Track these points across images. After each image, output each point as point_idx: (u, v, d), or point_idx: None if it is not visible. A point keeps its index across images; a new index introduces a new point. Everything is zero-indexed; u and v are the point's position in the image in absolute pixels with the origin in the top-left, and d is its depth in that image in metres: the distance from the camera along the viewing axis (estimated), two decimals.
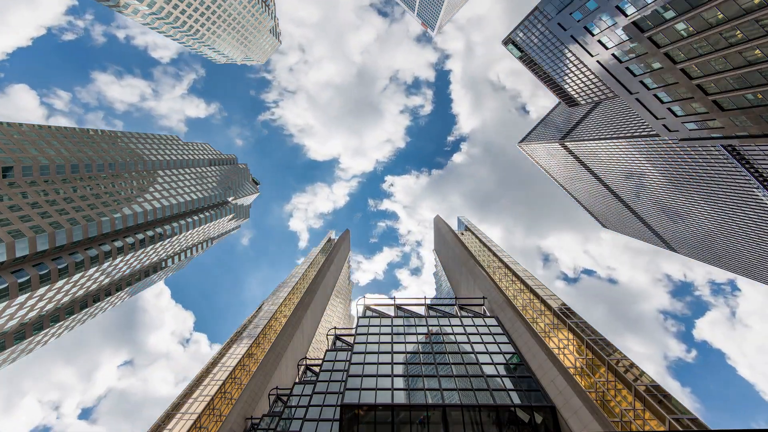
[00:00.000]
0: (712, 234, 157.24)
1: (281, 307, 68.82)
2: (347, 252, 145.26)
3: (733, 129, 50.55)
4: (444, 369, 43.74)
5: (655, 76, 53.36)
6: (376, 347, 49.83)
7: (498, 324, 54.66)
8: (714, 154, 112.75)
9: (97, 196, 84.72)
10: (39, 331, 76.28)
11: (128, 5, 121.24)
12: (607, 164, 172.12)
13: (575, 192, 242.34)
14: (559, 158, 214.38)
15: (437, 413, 36.93)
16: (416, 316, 63.03)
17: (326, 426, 40.07)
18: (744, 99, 45.48)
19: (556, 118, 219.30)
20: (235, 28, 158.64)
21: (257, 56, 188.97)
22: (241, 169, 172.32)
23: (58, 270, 70.23)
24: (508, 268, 62.50)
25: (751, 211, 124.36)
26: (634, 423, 28.63)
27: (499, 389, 39.37)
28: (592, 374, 35.13)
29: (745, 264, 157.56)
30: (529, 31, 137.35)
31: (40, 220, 68.01)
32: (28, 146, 78.04)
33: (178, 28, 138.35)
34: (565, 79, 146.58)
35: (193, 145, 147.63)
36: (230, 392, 46.82)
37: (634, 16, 48.08)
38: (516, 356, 45.81)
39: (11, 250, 61.20)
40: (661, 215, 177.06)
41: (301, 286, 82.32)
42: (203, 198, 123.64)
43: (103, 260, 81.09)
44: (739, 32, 39.85)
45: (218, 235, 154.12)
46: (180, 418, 41.14)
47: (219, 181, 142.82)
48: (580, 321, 41.70)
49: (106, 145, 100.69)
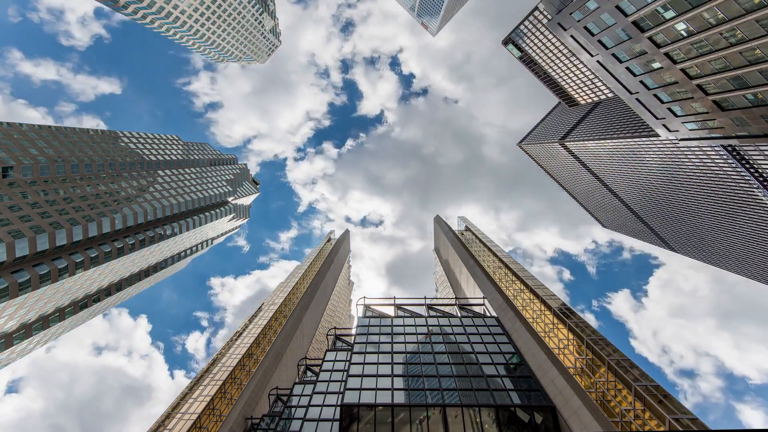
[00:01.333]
0: (712, 234, 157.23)
1: (281, 307, 68.82)
2: (347, 252, 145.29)
3: (733, 129, 50.56)
4: (444, 369, 43.74)
5: (655, 76, 53.37)
6: (376, 347, 49.84)
7: (498, 324, 54.67)
8: (714, 154, 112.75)
9: (97, 196, 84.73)
10: (39, 330, 76.30)
11: (128, 5, 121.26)
12: (607, 164, 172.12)
13: (575, 192, 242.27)
14: (559, 158, 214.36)
15: (437, 413, 36.94)
16: (416, 316, 63.02)
17: (326, 426, 40.07)
18: (744, 99, 45.48)
19: (556, 118, 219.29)
20: (234, 27, 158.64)
21: (257, 56, 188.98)
22: (240, 168, 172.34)
23: (58, 270, 70.23)
24: (508, 268, 62.52)
25: (751, 211, 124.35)
26: (634, 423, 28.63)
27: (499, 389, 39.37)
28: (592, 374, 35.14)
29: (745, 264, 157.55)
30: (529, 30, 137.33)
31: (40, 220, 68.01)
32: (28, 146, 78.05)
33: (178, 28, 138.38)
34: (565, 79, 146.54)
35: (192, 145, 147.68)
36: (230, 392, 46.83)
37: (634, 15, 48.09)
38: (516, 356, 45.81)
39: (11, 250, 61.20)
40: (661, 215, 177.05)
41: (301, 286, 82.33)
42: (203, 198, 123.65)
43: (103, 260, 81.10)
44: (739, 32, 39.86)
45: (218, 235, 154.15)
46: (180, 418, 41.14)
47: (218, 181, 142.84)
48: (580, 321, 41.71)
49: (106, 145, 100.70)
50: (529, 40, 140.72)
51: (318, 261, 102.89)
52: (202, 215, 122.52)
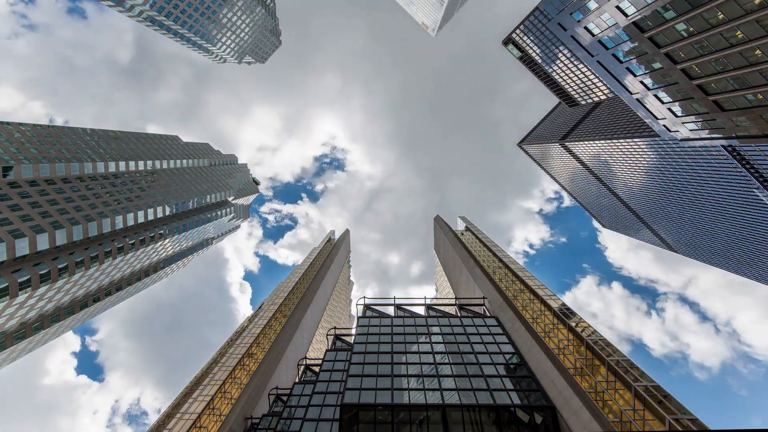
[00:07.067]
0: (712, 234, 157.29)
1: (281, 306, 68.84)
2: (347, 252, 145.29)
3: (733, 129, 50.57)
4: (444, 369, 43.73)
5: (655, 76, 53.37)
6: (376, 347, 49.82)
7: (498, 324, 54.67)
8: (714, 154, 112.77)
9: (97, 195, 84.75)
10: (39, 330, 76.32)
11: (128, 5, 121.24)
12: (607, 164, 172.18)
13: (575, 192, 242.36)
14: (559, 158, 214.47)
15: (437, 413, 36.93)
16: (416, 316, 63.02)
17: (326, 426, 40.06)
18: (744, 99, 45.50)
19: (556, 118, 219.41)
20: (234, 27, 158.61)
21: (257, 56, 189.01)
22: (240, 168, 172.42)
23: (58, 270, 70.27)
24: (508, 269, 62.55)
25: (751, 211, 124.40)
26: (634, 423, 28.64)
27: (499, 389, 39.36)
28: (592, 374, 35.15)
29: (745, 264, 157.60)
30: (529, 30, 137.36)
31: (40, 219, 68.04)
32: (28, 146, 78.05)
33: (178, 28, 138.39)
34: (566, 79, 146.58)
35: (193, 145, 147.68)
36: (230, 392, 46.85)
37: (635, 16, 48.08)
38: (516, 356, 45.82)
39: (11, 250, 61.24)
40: (661, 215, 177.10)
41: (301, 285, 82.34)
42: (203, 198, 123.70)
43: (103, 260, 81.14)
44: (739, 32, 39.87)
45: (218, 235, 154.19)
46: (180, 417, 41.16)
47: (219, 181, 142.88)
48: (580, 321, 41.74)
49: (106, 144, 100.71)
50: (529, 40, 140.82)
51: (318, 261, 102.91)
52: (202, 215, 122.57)
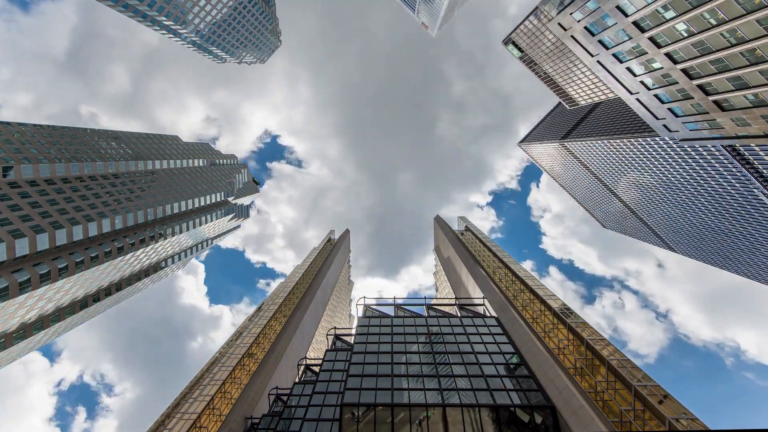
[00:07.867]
0: (712, 234, 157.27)
1: (281, 306, 68.83)
2: (347, 252, 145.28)
3: (733, 129, 50.57)
4: (444, 369, 43.72)
5: (655, 76, 53.38)
6: (376, 347, 49.81)
7: (498, 324, 54.65)
8: (714, 154, 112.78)
9: (97, 195, 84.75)
10: (39, 330, 76.32)
11: (128, 5, 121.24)
12: (607, 164, 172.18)
13: (575, 192, 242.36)
14: (559, 158, 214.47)
15: (437, 413, 36.92)
16: (416, 316, 63.02)
17: (326, 426, 40.04)
18: (744, 99, 45.50)
19: (557, 118, 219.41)
20: (234, 27, 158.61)
21: (257, 56, 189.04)
22: (241, 168, 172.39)
23: (58, 270, 70.26)
24: (508, 268, 62.57)
25: (751, 211, 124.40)
26: (634, 423, 28.64)
27: (499, 389, 39.34)
28: (592, 374, 35.15)
29: (745, 264, 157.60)
30: (530, 30, 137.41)
31: (40, 219, 68.04)
32: (28, 146, 78.05)
33: (178, 28, 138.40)
34: (566, 79, 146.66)
35: (193, 145, 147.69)
36: (230, 392, 46.83)
37: (635, 16, 48.09)
38: (516, 356, 45.80)
39: (11, 250, 61.24)
40: (661, 215, 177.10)
41: (301, 285, 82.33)
42: (203, 198, 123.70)
43: (103, 260, 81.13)
44: (739, 32, 39.87)
45: (218, 235, 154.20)
46: (180, 417, 41.14)
47: (219, 181, 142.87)
48: (580, 321, 41.74)
49: (106, 144, 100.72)
50: (529, 40, 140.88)
51: (318, 260, 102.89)
52: (202, 215, 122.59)
